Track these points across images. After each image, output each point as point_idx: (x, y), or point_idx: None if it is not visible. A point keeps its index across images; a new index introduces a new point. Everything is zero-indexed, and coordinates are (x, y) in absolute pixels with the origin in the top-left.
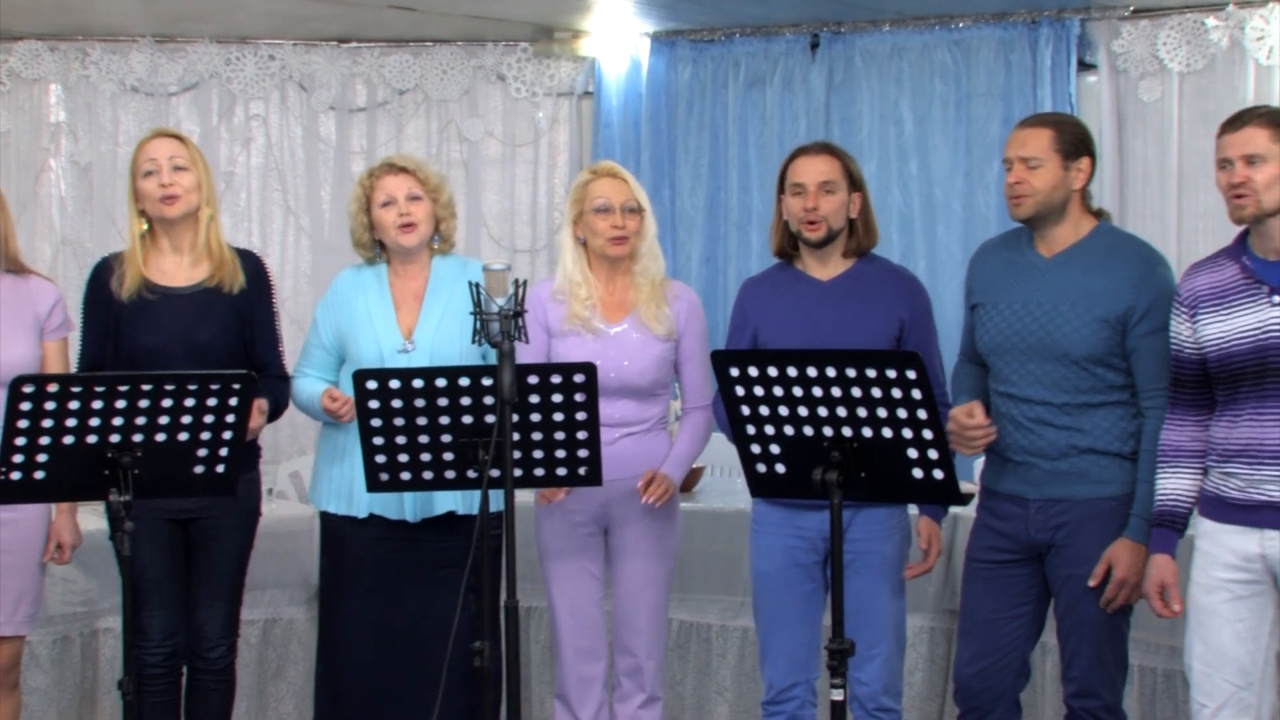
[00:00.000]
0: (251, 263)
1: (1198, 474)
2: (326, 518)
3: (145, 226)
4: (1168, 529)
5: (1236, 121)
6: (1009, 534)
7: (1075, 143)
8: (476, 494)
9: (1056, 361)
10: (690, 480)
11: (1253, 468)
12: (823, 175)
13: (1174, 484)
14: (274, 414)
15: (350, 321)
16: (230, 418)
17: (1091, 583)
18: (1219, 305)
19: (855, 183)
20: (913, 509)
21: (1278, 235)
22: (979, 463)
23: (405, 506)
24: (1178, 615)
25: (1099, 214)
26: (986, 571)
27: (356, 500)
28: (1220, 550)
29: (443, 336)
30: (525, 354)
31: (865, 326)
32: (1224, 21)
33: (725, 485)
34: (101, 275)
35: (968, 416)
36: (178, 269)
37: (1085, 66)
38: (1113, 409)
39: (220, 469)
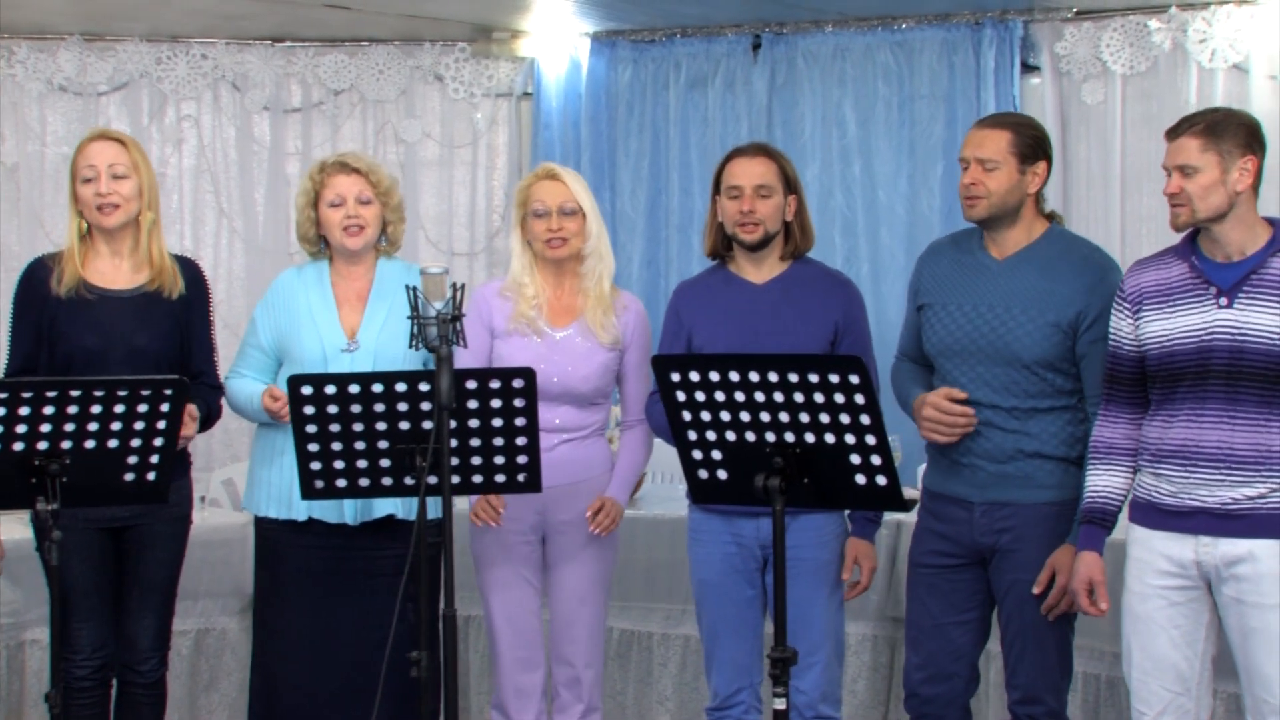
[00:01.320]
0: (191, 270)
1: (1129, 472)
2: (262, 524)
3: (85, 228)
4: (1096, 526)
5: (1174, 131)
6: (953, 537)
7: (1033, 146)
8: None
9: (1006, 365)
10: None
11: (1186, 470)
12: (759, 178)
13: (1105, 481)
14: (206, 423)
15: (292, 321)
16: (161, 424)
17: (1035, 589)
18: (1164, 303)
19: (791, 185)
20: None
21: (1223, 240)
22: (923, 468)
23: (345, 510)
24: (1104, 613)
25: (1051, 217)
26: (931, 577)
27: (296, 504)
28: (1154, 557)
29: (387, 337)
30: (465, 355)
31: (799, 330)
32: (1166, 24)
33: (666, 492)
34: (37, 274)
35: (948, 400)
36: (117, 272)
37: (1029, 68)
38: (1060, 414)
39: (151, 476)
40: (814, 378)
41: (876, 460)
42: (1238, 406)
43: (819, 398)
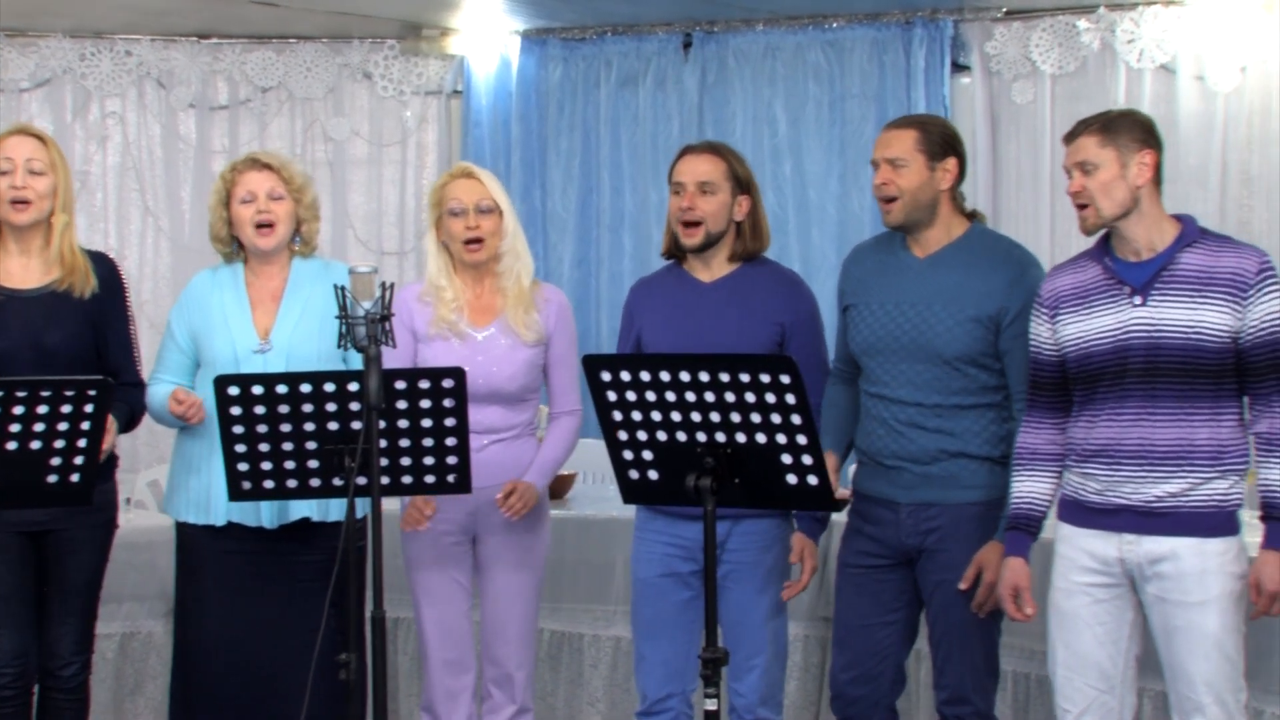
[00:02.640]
0: (104, 266)
1: (1054, 477)
2: (182, 528)
3: None
4: (1022, 532)
5: (1071, 133)
6: (880, 539)
7: (940, 143)
8: (332, 501)
9: (928, 362)
10: (562, 487)
11: (1111, 469)
12: (702, 175)
13: (1029, 486)
14: (130, 423)
15: (205, 322)
16: (85, 425)
17: (962, 586)
18: (1080, 305)
19: (743, 184)
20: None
21: (1132, 237)
22: (852, 468)
23: (262, 513)
24: (1030, 618)
25: (972, 215)
26: (859, 577)
27: (214, 509)
28: (1079, 554)
29: (300, 337)
30: (391, 359)
31: (744, 330)
32: (1095, 24)
33: (598, 492)
34: None
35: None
36: (25, 271)
37: (959, 68)
38: (984, 412)
39: (75, 479)
40: (745, 377)
41: (808, 460)
42: (1157, 403)
43: (750, 397)
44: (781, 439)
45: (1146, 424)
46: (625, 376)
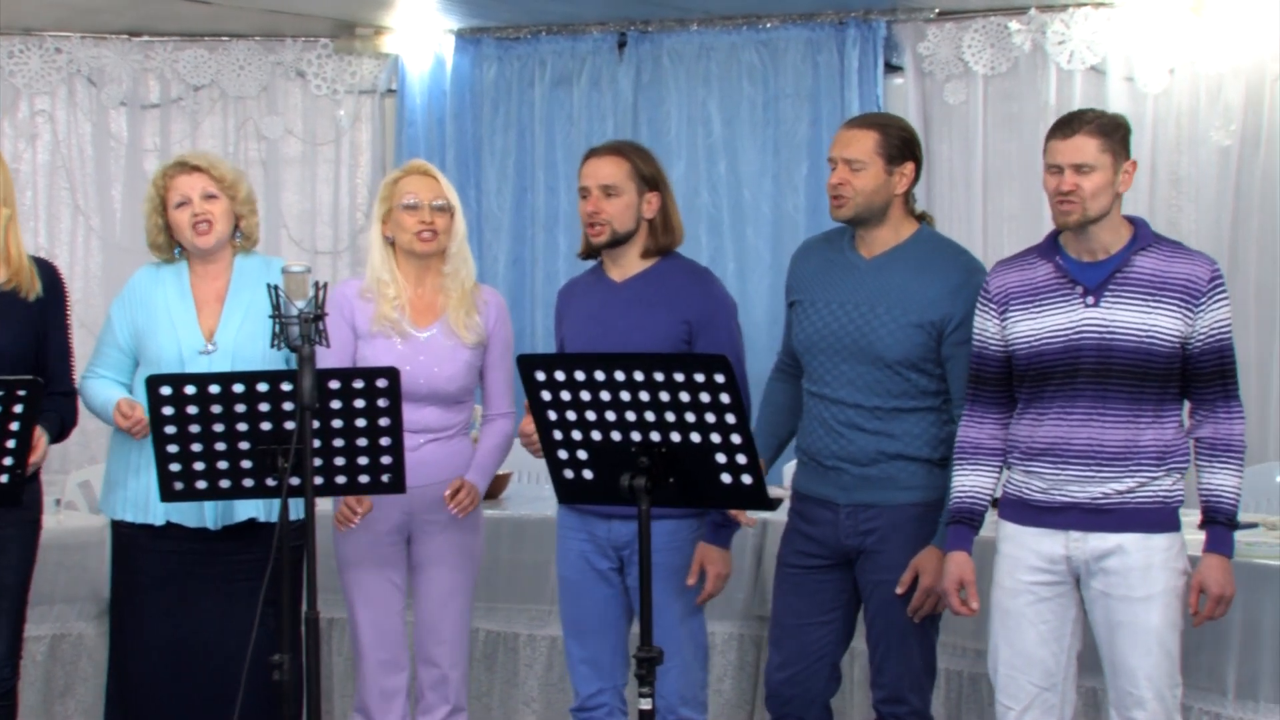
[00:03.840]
0: (49, 272)
1: (995, 472)
2: (119, 527)
3: None
4: (964, 526)
5: (1067, 128)
6: (819, 539)
7: (900, 147)
8: (278, 502)
9: (870, 364)
10: (497, 487)
11: (1057, 468)
12: (605, 178)
13: (971, 481)
14: (61, 435)
15: (149, 321)
16: (14, 425)
17: (899, 590)
18: (1030, 303)
19: (650, 183)
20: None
21: (1093, 239)
22: (788, 467)
23: (205, 514)
24: (975, 613)
25: (921, 217)
26: (797, 577)
27: (153, 508)
28: (1024, 553)
29: (245, 337)
30: (328, 356)
31: (649, 328)
32: (1026, 25)
33: (533, 492)
34: None
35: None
36: None
37: (892, 68)
38: (924, 415)
39: (3, 479)
40: (679, 377)
41: (742, 459)
42: (1107, 404)
43: (684, 397)
44: (716, 438)
45: (1096, 424)
46: (560, 376)
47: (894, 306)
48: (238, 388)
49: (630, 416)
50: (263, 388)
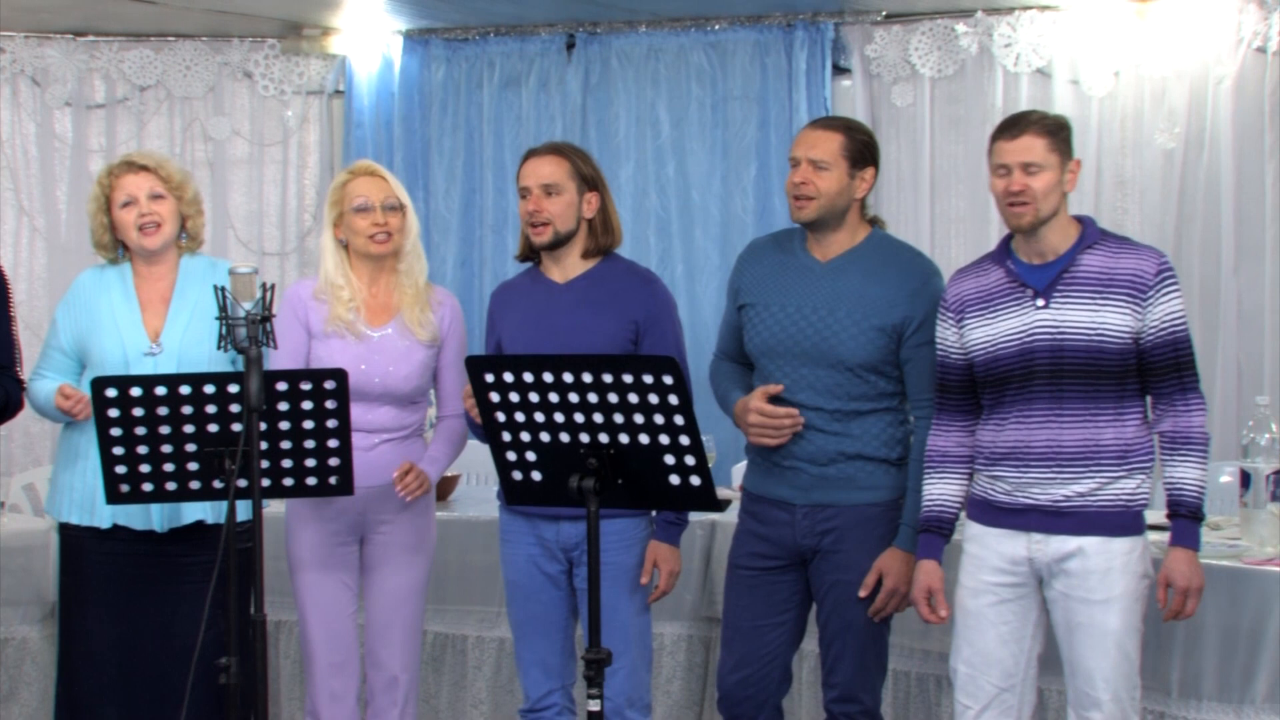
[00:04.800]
0: None
1: (964, 480)
2: (66, 529)
3: None
4: (934, 535)
5: (1013, 128)
6: (774, 539)
7: (863, 151)
8: (226, 504)
9: (830, 368)
10: (446, 488)
11: (1019, 470)
12: (545, 177)
13: (941, 489)
14: (3, 411)
15: (93, 323)
16: None
17: (862, 593)
18: (985, 309)
19: (589, 182)
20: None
21: (1042, 241)
22: (737, 468)
23: (152, 516)
24: (944, 621)
25: (874, 221)
26: (751, 578)
27: (99, 510)
28: (988, 554)
29: (191, 339)
30: (280, 357)
31: (597, 329)
32: (973, 28)
33: (481, 494)
34: None
35: (767, 400)
36: None
37: (840, 70)
38: (882, 415)
39: None
40: (628, 378)
41: (690, 460)
42: (1063, 405)
43: (633, 398)
44: (664, 439)
45: (1054, 425)
46: (508, 378)
47: (854, 310)
48: (184, 389)
49: (579, 418)
50: (210, 389)
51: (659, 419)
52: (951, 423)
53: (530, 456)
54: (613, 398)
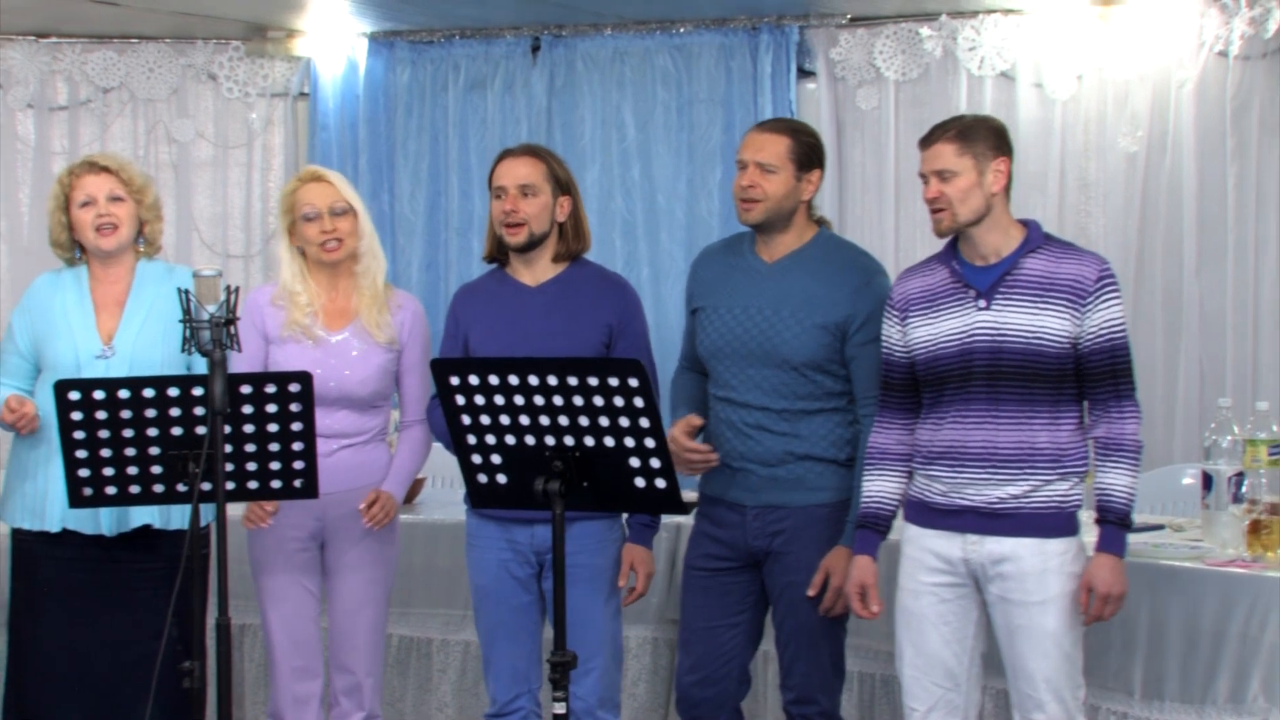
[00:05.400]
0: None
1: (903, 477)
2: (18, 535)
3: None
4: (870, 530)
5: (928, 138)
6: (727, 541)
7: (809, 154)
8: (174, 508)
9: (776, 367)
10: (411, 491)
11: (955, 470)
12: (522, 178)
13: (879, 486)
14: None
15: (47, 326)
16: None
17: (810, 592)
18: (928, 308)
19: (562, 186)
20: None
21: (981, 242)
22: None
23: (101, 521)
24: (876, 616)
25: (820, 222)
26: (705, 580)
27: (49, 515)
28: (925, 555)
29: (144, 343)
30: (240, 362)
31: (571, 332)
32: (937, 32)
33: (446, 496)
34: None
35: (685, 436)
36: None
37: (804, 74)
38: (830, 415)
39: None
40: (593, 381)
41: (656, 463)
42: (1000, 406)
43: (598, 401)
44: (630, 442)
45: (990, 427)
46: (473, 380)
47: (798, 309)
48: (148, 392)
49: (544, 421)
50: (173, 392)
51: (624, 422)
52: (893, 420)
53: (495, 459)
54: (578, 400)
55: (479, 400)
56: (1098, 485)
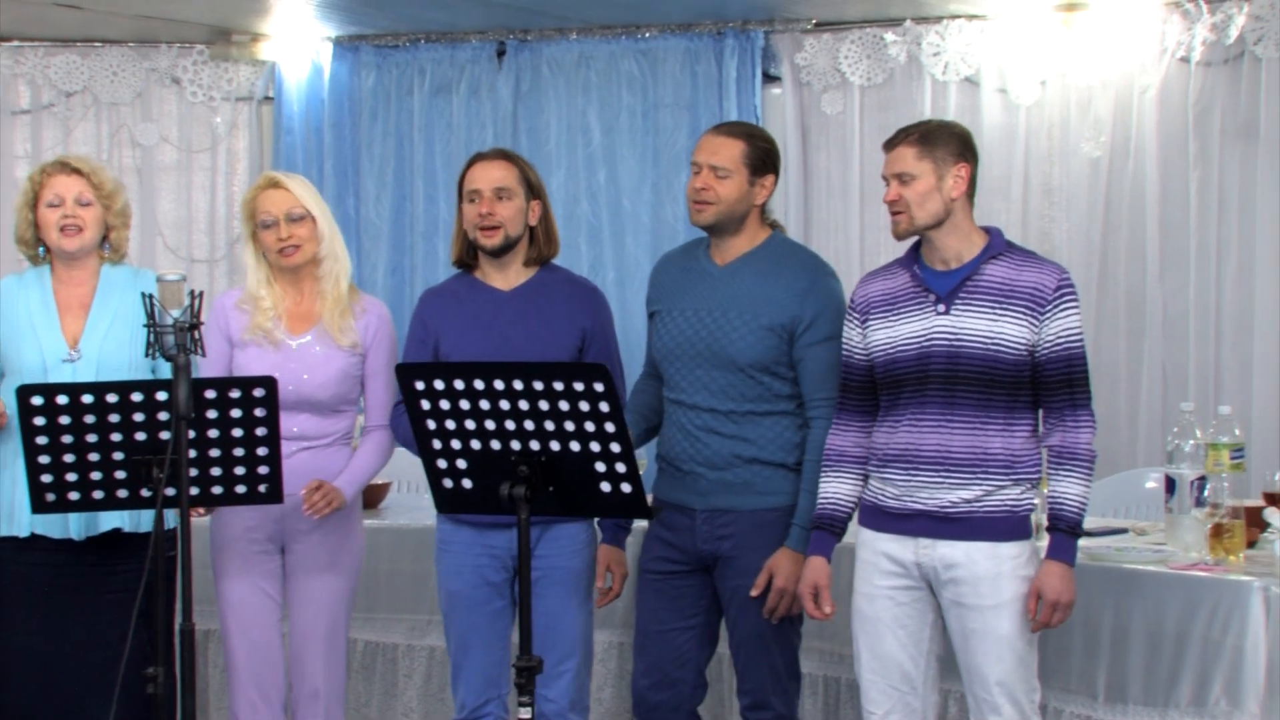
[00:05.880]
0: None
1: (859, 479)
2: None
3: None
4: (825, 532)
5: (891, 141)
6: (678, 545)
7: (764, 158)
8: (144, 512)
9: (724, 369)
10: (376, 496)
11: (909, 474)
12: (497, 181)
13: (835, 488)
14: None
15: (11, 329)
16: None
17: (753, 593)
18: (889, 311)
19: (534, 190)
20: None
21: (941, 247)
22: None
23: (70, 525)
24: (829, 617)
25: (773, 225)
26: (657, 583)
27: (18, 520)
28: (878, 558)
29: (111, 346)
30: (205, 366)
31: (547, 337)
32: (902, 37)
33: (412, 501)
34: None
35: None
36: None
37: (770, 78)
38: (779, 419)
39: None
40: (559, 385)
41: (621, 468)
42: (955, 411)
43: (564, 405)
44: (595, 447)
45: (944, 431)
46: (438, 385)
47: (745, 311)
48: (111, 397)
49: (510, 425)
50: (137, 397)
51: (590, 426)
52: (851, 422)
53: (461, 464)
54: (544, 405)
55: (444, 405)
56: (1051, 494)
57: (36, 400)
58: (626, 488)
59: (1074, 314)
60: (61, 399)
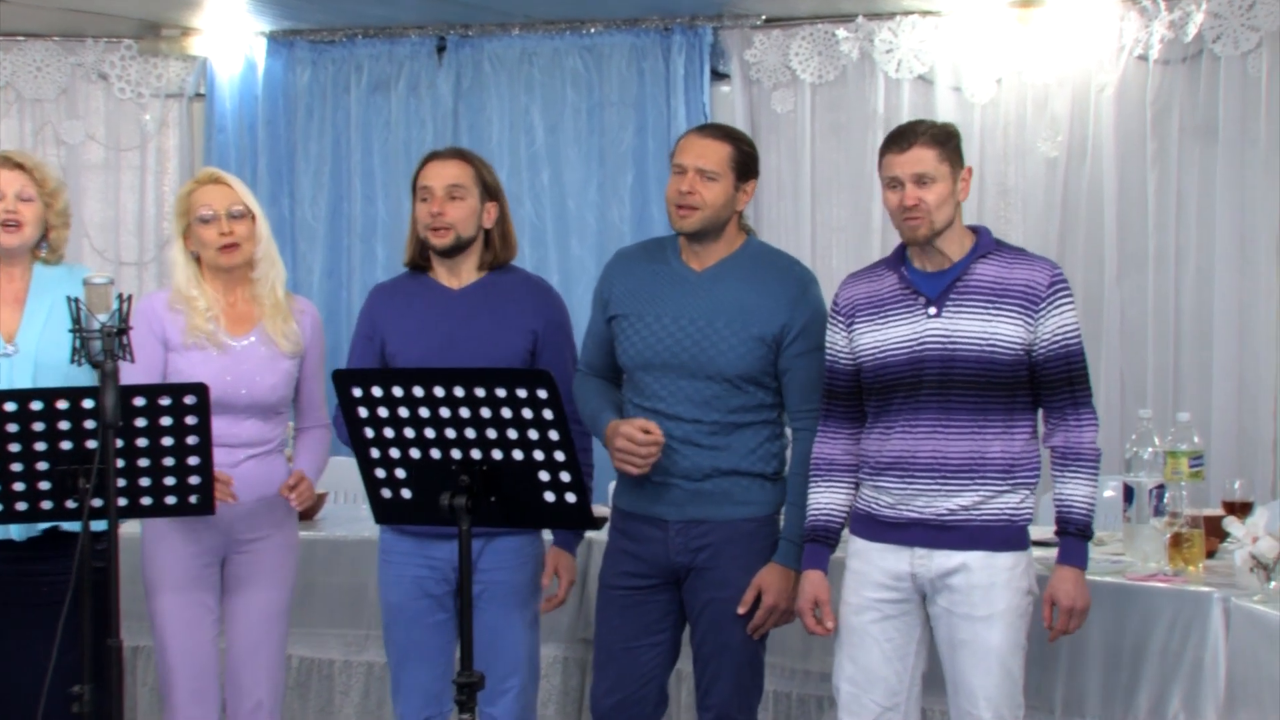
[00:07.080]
0: None
1: (850, 488)
2: None
3: None
4: (820, 544)
5: (902, 141)
6: (647, 558)
7: (747, 163)
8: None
9: (708, 379)
10: (312, 507)
11: (904, 481)
12: (450, 179)
13: (827, 498)
14: None
15: None
16: None
17: (741, 609)
18: (876, 315)
19: (491, 192)
20: (547, 535)
21: (941, 249)
22: (611, 485)
23: (10, 525)
24: (830, 633)
25: (745, 229)
26: (623, 599)
27: None
28: (870, 569)
29: (48, 343)
30: (136, 372)
31: (496, 338)
32: (854, 34)
33: (349, 513)
34: None
35: (642, 432)
36: None
37: (719, 76)
38: (759, 429)
39: None
40: (501, 392)
41: (566, 477)
42: (951, 415)
43: (506, 413)
44: (539, 455)
45: (940, 436)
46: (377, 392)
47: (733, 320)
48: (35, 405)
49: (450, 433)
50: (63, 405)
51: (533, 434)
52: (839, 430)
53: (400, 473)
54: (485, 412)
55: (382, 412)
56: (1057, 496)
57: None
58: (571, 497)
59: (1070, 309)
60: None
